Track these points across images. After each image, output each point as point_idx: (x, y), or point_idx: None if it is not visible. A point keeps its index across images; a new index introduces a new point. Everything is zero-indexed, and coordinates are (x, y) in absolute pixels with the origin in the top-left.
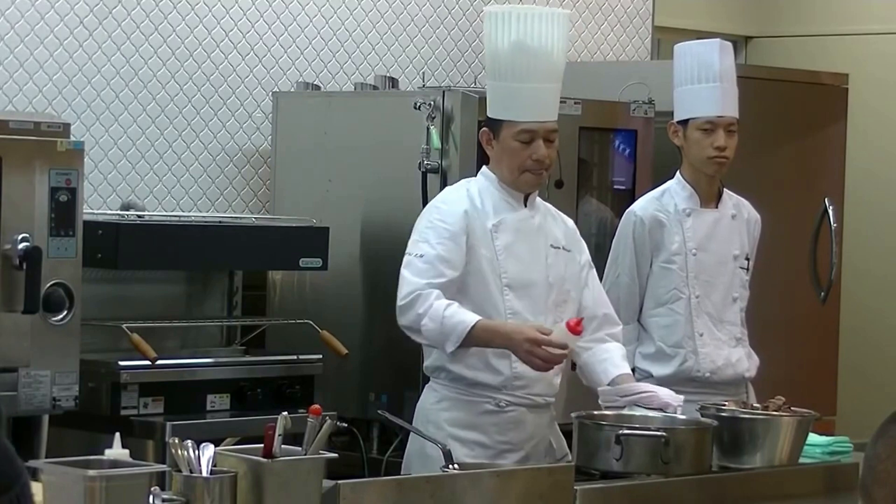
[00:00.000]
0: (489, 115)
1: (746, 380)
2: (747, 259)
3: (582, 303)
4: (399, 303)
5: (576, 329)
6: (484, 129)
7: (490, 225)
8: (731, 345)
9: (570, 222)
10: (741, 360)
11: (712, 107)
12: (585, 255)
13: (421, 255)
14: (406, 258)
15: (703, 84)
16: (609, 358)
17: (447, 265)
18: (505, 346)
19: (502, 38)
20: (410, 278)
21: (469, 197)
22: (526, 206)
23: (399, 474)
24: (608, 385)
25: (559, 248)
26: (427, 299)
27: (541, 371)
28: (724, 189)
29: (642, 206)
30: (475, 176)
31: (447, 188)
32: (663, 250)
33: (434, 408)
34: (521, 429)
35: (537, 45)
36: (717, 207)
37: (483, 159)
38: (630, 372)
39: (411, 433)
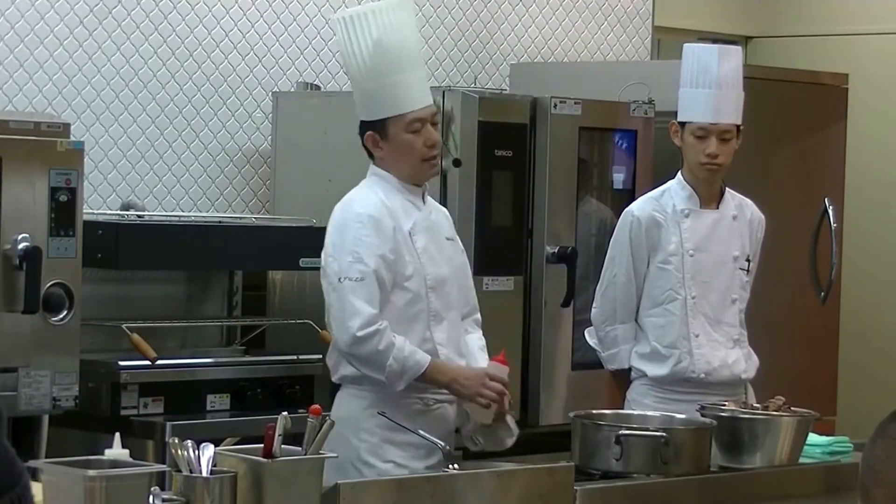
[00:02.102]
0: (368, 119)
1: (744, 381)
2: (748, 260)
3: None
4: (357, 332)
5: (504, 361)
6: (368, 132)
7: (407, 229)
8: (728, 346)
9: (445, 210)
10: (738, 361)
11: (706, 113)
12: (460, 243)
13: (362, 279)
14: (346, 283)
15: (701, 89)
16: (468, 352)
17: (383, 285)
18: (448, 384)
19: (364, 38)
20: (360, 306)
21: (383, 205)
22: (424, 202)
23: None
24: None
25: (451, 238)
26: (385, 335)
27: (486, 408)
28: (727, 189)
29: (640, 205)
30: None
31: (355, 196)
32: (660, 250)
33: (364, 414)
34: (446, 424)
35: (399, 35)
36: (717, 208)
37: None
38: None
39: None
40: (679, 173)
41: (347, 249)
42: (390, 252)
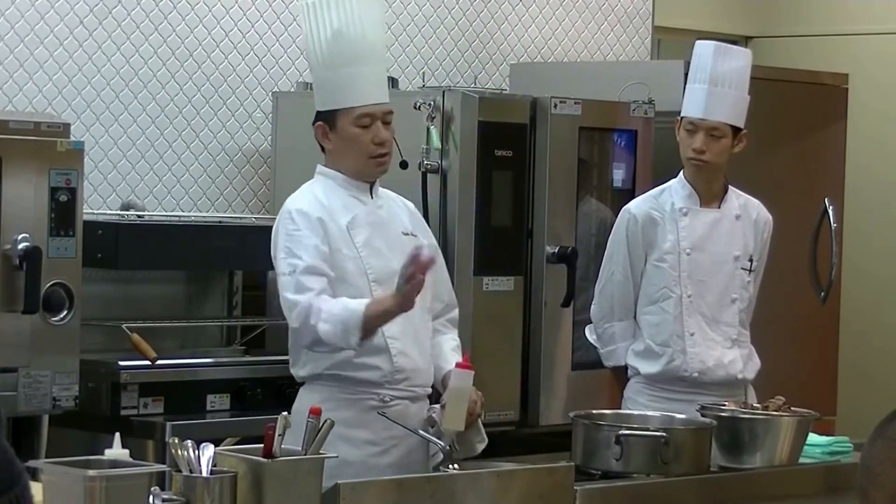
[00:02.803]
0: (320, 109)
1: (741, 381)
2: (750, 260)
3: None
4: (294, 325)
5: (469, 366)
6: (318, 123)
7: (344, 224)
8: (725, 346)
9: (411, 205)
10: (735, 361)
11: (696, 108)
12: (430, 238)
13: (293, 272)
14: (280, 279)
15: (696, 84)
16: (440, 353)
17: (318, 273)
18: (388, 305)
19: (324, 27)
20: (293, 297)
21: (317, 201)
22: (372, 197)
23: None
24: (442, 381)
25: (409, 234)
26: (311, 310)
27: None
28: (731, 189)
29: (637, 203)
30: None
31: (292, 196)
32: (656, 248)
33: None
34: (405, 421)
35: (360, 28)
36: (718, 207)
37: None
38: None
39: None
40: (681, 172)
41: (281, 247)
42: (322, 243)
